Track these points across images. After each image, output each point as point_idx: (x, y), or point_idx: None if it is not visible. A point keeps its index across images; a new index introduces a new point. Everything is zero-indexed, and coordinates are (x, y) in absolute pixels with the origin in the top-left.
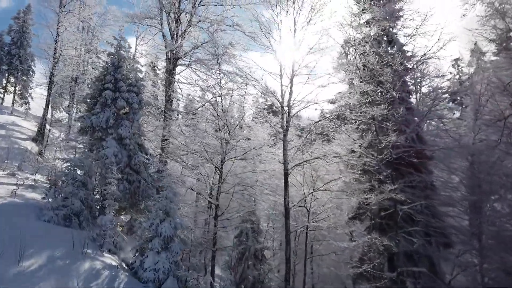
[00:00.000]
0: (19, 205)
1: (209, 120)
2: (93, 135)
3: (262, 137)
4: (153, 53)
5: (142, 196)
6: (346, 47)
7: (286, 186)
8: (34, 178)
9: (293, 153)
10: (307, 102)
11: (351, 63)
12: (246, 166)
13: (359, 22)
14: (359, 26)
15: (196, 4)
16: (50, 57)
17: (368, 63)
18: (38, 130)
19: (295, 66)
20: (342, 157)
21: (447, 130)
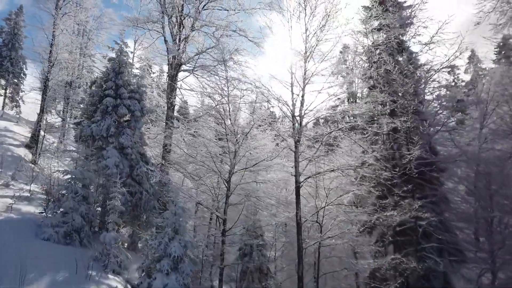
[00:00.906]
0: (16, 222)
1: (212, 128)
2: (93, 144)
3: (271, 146)
4: (153, 58)
5: (144, 209)
6: (345, 53)
7: (298, 200)
8: (30, 189)
9: (305, 165)
10: (318, 111)
11: (348, 69)
12: (254, 177)
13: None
14: (369, 33)
15: (200, 8)
16: (45, 60)
17: (383, 72)
18: (31, 137)
19: (307, 73)
20: (357, 170)
21: (452, 139)
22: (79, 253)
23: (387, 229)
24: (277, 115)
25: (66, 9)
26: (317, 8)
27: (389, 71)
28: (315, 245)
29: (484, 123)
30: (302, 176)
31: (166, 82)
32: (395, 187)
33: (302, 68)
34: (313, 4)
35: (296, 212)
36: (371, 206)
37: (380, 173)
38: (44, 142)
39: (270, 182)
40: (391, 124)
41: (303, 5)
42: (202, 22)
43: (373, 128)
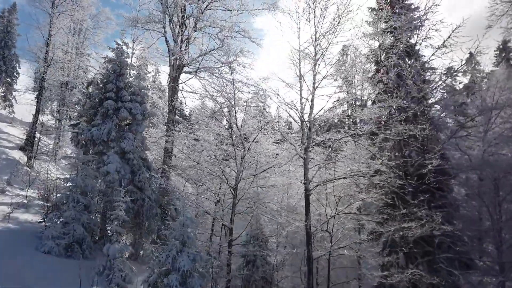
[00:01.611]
0: (14, 232)
1: (215, 131)
2: (93, 149)
3: (275, 151)
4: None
5: (147, 216)
6: (344, 54)
7: (308, 208)
8: (26, 195)
9: (314, 172)
10: (327, 116)
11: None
12: (261, 183)
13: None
14: (376, 36)
15: (203, 8)
16: (41, 60)
17: (395, 76)
18: (27, 139)
19: (317, 77)
20: (370, 177)
21: (457, 143)
22: (81, 266)
23: (400, 239)
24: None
25: (63, 8)
26: (328, 9)
27: (402, 75)
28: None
29: (489, 126)
30: (311, 183)
31: (167, 84)
32: (407, 195)
33: (312, 72)
34: (323, 5)
35: (305, 221)
36: (382, 215)
37: (394, 181)
38: (39, 144)
39: (274, 187)
40: (409, 131)
41: (312, 6)
42: (205, 22)
43: (384, 134)
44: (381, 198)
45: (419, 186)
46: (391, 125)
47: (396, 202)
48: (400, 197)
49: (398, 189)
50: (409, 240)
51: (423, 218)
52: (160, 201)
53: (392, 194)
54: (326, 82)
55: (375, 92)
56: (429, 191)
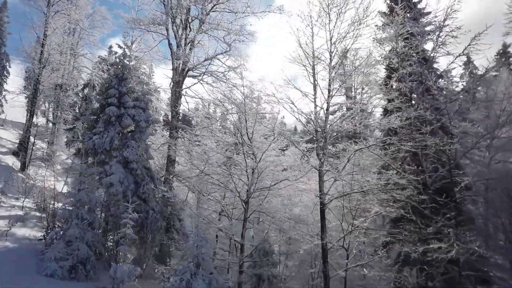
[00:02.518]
0: (13, 253)
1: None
2: (95, 158)
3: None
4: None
5: (151, 230)
6: (343, 57)
7: (323, 222)
8: (22, 205)
9: (330, 185)
10: (344, 125)
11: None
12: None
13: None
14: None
15: (208, 10)
16: (35, 61)
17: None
18: (20, 143)
19: (334, 84)
20: (390, 191)
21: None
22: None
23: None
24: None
25: (58, 7)
26: (345, 13)
27: (421, 83)
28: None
29: (495, 133)
30: (327, 197)
31: (170, 88)
32: (425, 209)
33: (327, 79)
34: (340, 9)
35: (321, 237)
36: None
37: (414, 195)
38: (33, 148)
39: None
40: (434, 144)
41: (327, 10)
42: (210, 25)
43: (404, 146)
44: (400, 212)
45: (438, 200)
46: (413, 136)
47: (413, 216)
48: (418, 211)
49: (418, 203)
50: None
51: (451, 238)
52: (163, 212)
53: (409, 208)
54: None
55: (384, 98)
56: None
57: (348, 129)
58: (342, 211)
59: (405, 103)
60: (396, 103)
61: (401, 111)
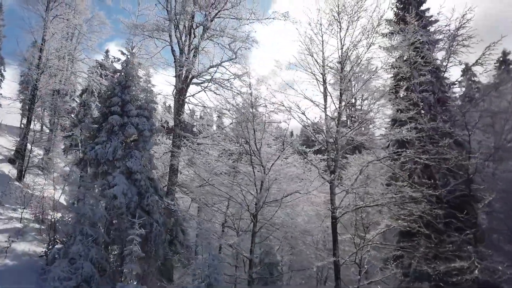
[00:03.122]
0: (14, 271)
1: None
2: (97, 169)
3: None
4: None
5: (155, 243)
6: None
7: (335, 237)
8: (21, 217)
9: (342, 198)
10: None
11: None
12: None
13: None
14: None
15: (212, 16)
16: (32, 66)
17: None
18: (16, 150)
19: (346, 94)
20: (405, 205)
21: None
22: None
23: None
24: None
25: (57, 11)
26: (358, 21)
27: (434, 93)
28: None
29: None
30: (339, 211)
31: (173, 96)
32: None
33: (338, 89)
34: (351, 18)
35: (333, 252)
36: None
37: (431, 211)
38: (30, 156)
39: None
40: (456, 158)
41: (338, 17)
42: (214, 31)
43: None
44: (414, 227)
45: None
46: (427, 149)
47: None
48: (432, 226)
49: (433, 218)
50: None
51: (471, 256)
52: (167, 224)
53: (421, 222)
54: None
55: (393, 108)
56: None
57: (359, 141)
58: (355, 225)
59: (417, 113)
60: (409, 114)
61: (415, 122)
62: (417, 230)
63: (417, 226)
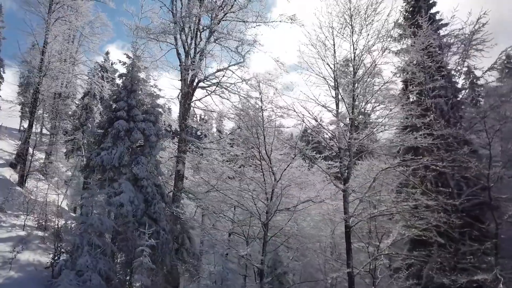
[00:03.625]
0: (19, 284)
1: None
2: (103, 175)
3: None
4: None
5: (162, 252)
6: (346, 67)
7: (349, 247)
8: (24, 224)
9: (355, 206)
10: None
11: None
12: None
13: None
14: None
15: (219, 17)
16: (35, 69)
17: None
18: (17, 154)
19: (359, 99)
20: (420, 213)
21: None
22: None
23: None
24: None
25: (59, 14)
26: (372, 25)
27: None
28: None
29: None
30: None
31: (178, 100)
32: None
33: (350, 94)
34: (364, 21)
35: (347, 263)
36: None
37: (448, 220)
38: (32, 161)
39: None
40: (477, 167)
41: (349, 20)
42: (220, 34)
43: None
44: (430, 236)
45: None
46: (443, 156)
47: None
48: (447, 235)
49: (450, 227)
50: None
51: (493, 268)
52: (173, 231)
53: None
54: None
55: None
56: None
57: (373, 148)
58: (368, 233)
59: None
60: (425, 120)
61: (430, 128)
62: (431, 239)
63: (433, 235)
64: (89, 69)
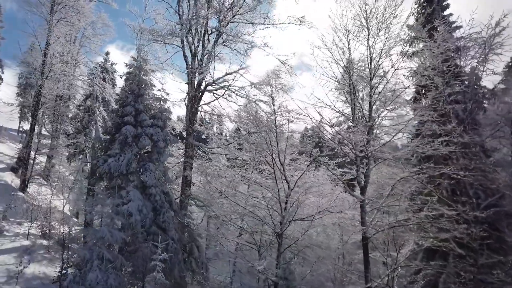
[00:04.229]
0: None
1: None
2: (110, 183)
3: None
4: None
5: (171, 262)
6: (349, 70)
7: (367, 258)
8: (28, 233)
9: (373, 216)
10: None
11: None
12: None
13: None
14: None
15: (227, 20)
16: (36, 71)
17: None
18: (18, 158)
19: (377, 104)
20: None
21: None
22: None
23: None
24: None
25: (61, 14)
26: (390, 28)
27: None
28: None
29: None
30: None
31: (185, 103)
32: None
33: (367, 99)
34: (382, 24)
35: (365, 275)
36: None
37: (469, 230)
38: (33, 164)
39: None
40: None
41: (365, 24)
42: (229, 37)
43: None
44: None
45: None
46: (464, 164)
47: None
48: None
49: (472, 239)
50: None
51: None
52: (182, 240)
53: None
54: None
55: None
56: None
57: (393, 155)
58: (386, 244)
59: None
60: (447, 128)
61: (449, 135)
62: (446, 249)
63: (453, 246)
64: (88, 69)
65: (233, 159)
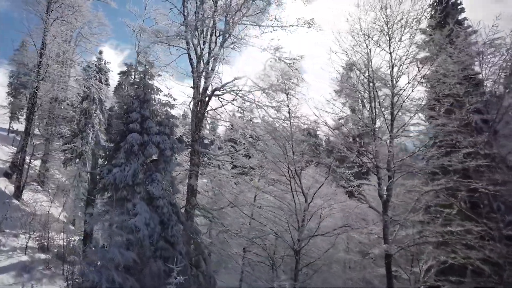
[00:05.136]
0: None
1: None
2: (115, 195)
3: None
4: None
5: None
6: (349, 70)
7: (390, 275)
8: (26, 246)
9: (395, 231)
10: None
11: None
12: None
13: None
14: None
15: (234, 21)
16: (32, 72)
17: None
18: (12, 163)
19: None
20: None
21: None
22: None
23: None
24: None
25: (58, 13)
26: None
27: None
28: None
29: None
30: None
31: (190, 109)
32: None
33: (388, 108)
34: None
35: None
36: None
37: (497, 248)
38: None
39: None
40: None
41: (385, 29)
42: (236, 39)
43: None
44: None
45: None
46: (495, 178)
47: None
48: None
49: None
50: None
51: None
52: (190, 254)
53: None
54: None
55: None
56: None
57: (416, 167)
58: (411, 263)
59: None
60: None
61: (475, 146)
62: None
63: (477, 262)
64: (82, 68)
65: (240, 166)
